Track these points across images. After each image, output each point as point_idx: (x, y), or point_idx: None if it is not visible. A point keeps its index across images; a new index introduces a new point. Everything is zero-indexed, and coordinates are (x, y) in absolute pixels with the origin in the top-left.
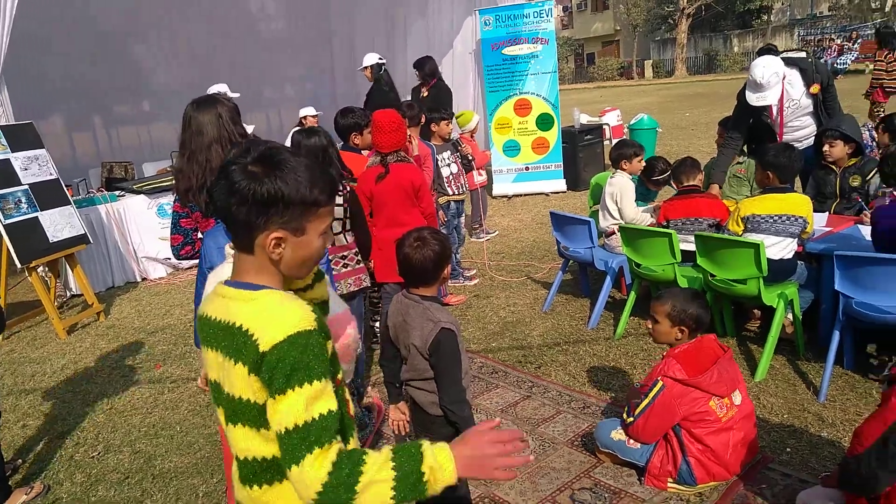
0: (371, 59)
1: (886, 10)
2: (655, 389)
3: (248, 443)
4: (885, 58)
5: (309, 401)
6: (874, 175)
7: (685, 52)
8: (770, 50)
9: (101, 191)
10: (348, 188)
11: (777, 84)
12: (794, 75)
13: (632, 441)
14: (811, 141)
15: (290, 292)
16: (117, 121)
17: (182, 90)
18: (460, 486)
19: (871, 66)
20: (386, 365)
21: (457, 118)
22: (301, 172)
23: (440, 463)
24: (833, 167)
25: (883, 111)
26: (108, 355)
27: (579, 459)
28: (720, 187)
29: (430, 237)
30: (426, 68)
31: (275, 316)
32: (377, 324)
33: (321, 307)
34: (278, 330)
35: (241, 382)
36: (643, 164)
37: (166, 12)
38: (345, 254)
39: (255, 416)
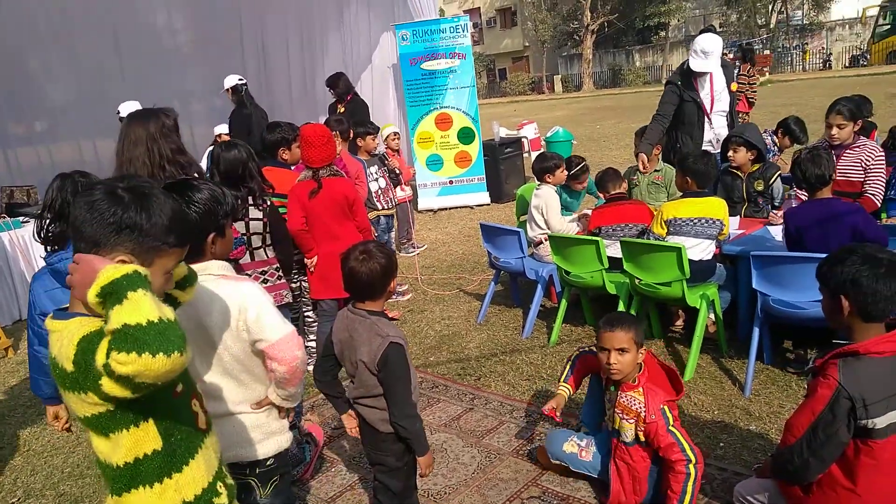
0: (231, 80)
1: (771, 26)
2: (671, 420)
3: (103, 447)
4: (748, 72)
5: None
6: (776, 179)
7: (591, 67)
8: (711, 29)
9: (3, 217)
10: (268, 203)
11: (717, 56)
12: (720, 69)
13: (584, 453)
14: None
15: (91, 316)
16: (14, 141)
17: (85, 108)
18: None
19: (735, 87)
20: (320, 380)
21: None
22: (165, 212)
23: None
24: (738, 173)
25: (748, 119)
26: (21, 393)
27: (525, 468)
28: (647, 156)
29: (375, 250)
30: (340, 85)
31: (69, 339)
32: (312, 343)
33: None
34: (70, 347)
35: (79, 406)
36: (566, 173)
37: (64, 25)
38: (265, 269)
39: (102, 425)
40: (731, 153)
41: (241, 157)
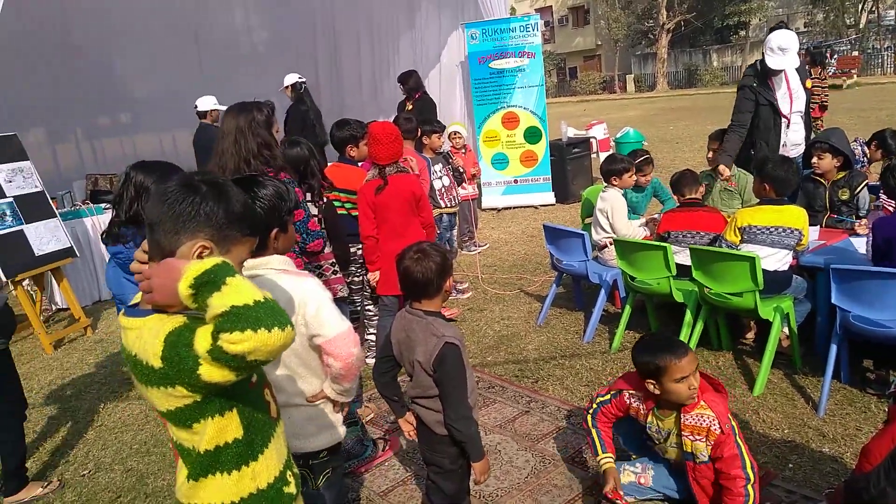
0: (291, 78)
1: (861, 26)
2: (737, 430)
3: (184, 436)
4: (820, 74)
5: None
6: (862, 189)
7: (666, 67)
8: (782, 25)
9: (87, 203)
10: (325, 199)
11: (794, 52)
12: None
13: (643, 479)
14: (800, 149)
15: (173, 314)
16: (100, 133)
17: (165, 102)
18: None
19: (810, 85)
20: (378, 380)
21: None
22: (240, 202)
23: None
24: (822, 180)
25: (822, 124)
26: (97, 371)
27: (581, 476)
28: (728, 169)
29: (430, 249)
30: (410, 82)
31: (152, 336)
32: (372, 337)
33: None
34: (156, 344)
35: (163, 400)
36: (633, 178)
37: (147, 26)
38: (320, 263)
39: (186, 416)
40: (815, 159)
41: (303, 154)
